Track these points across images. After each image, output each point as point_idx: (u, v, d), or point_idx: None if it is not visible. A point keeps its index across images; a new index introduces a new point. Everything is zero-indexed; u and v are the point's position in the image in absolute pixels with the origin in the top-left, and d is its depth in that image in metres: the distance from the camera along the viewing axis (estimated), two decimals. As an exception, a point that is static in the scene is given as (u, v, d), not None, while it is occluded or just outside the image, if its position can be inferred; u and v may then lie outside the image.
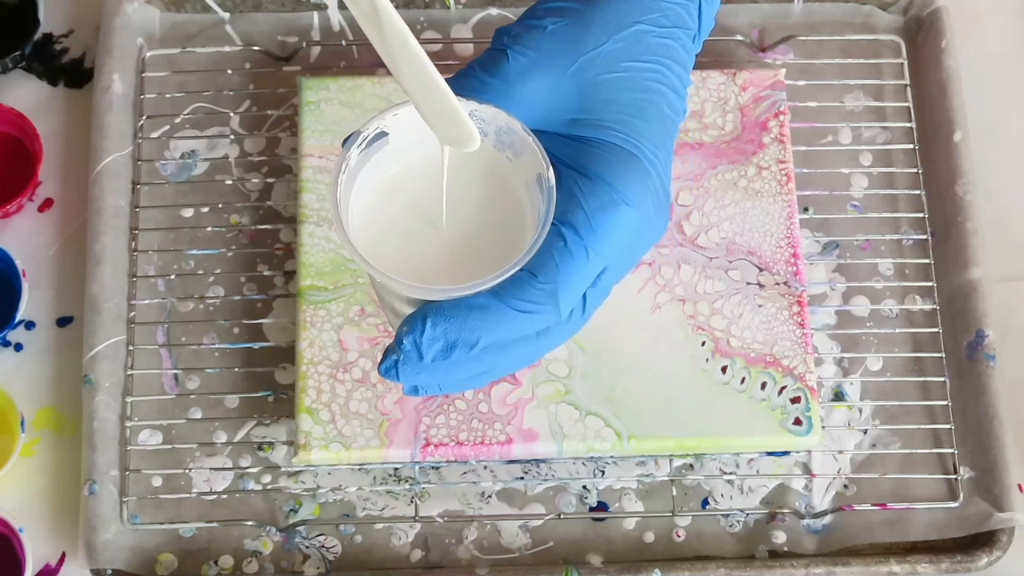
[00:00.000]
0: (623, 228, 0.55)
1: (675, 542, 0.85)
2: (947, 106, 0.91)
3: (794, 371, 0.83)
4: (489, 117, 0.54)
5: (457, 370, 0.55)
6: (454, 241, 0.55)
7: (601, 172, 0.55)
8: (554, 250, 0.53)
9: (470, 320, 0.53)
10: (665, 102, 0.57)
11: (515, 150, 0.55)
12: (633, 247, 0.56)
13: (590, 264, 0.54)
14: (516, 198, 0.56)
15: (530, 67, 0.55)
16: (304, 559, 0.83)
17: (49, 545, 0.83)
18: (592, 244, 0.54)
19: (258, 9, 0.93)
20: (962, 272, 0.88)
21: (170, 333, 0.87)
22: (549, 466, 0.85)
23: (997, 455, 0.84)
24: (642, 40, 0.56)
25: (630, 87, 0.56)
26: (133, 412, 0.85)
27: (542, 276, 0.53)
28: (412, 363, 0.54)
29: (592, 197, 0.54)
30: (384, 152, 0.56)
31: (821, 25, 0.95)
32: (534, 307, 0.53)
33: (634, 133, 0.55)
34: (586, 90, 0.55)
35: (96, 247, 0.86)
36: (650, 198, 0.56)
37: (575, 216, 0.54)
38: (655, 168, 0.56)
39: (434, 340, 0.53)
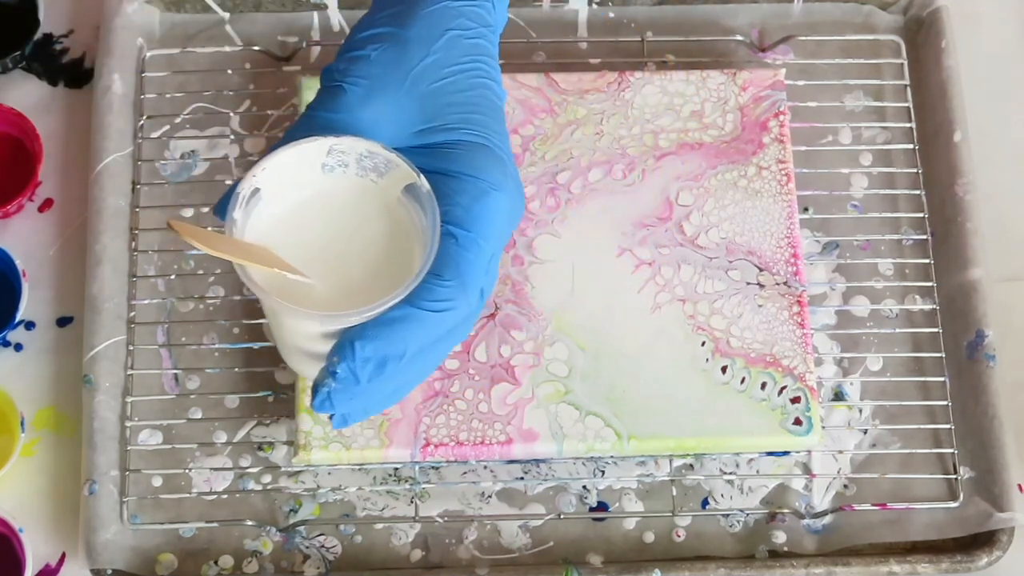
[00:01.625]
0: (498, 212, 0.60)
1: (675, 542, 0.85)
2: (947, 106, 0.91)
3: (794, 371, 0.83)
4: (348, 147, 0.58)
5: (387, 385, 0.59)
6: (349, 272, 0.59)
7: (462, 168, 0.59)
8: (449, 248, 0.58)
9: (394, 333, 0.57)
10: (492, 93, 0.62)
11: (379, 171, 0.59)
12: (507, 227, 0.61)
13: (483, 252, 0.59)
14: (393, 214, 0.59)
15: (367, 94, 0.60)
16: (304, 559, 0.83)
17: (49, 545, 0.83)
18: (480, 233, 0.59)
19: (258, 9, 0.93)
20: (962, 272, 0.88)
21: (170, 333, 0.87)
22: (549, 466, 0.85)
23: (997, 455, 0.84)
24: (457, 45, 0.61)
25: (460, 88, 0.61)
26: (133, 412, 0.85)
27: (446, 274, 0.58)
28: (349, 389, 0.58)
29: (463, 192, 0.59)
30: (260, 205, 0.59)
31: (821, 25, 0.95)
32: (447, 304, 0.58)
33: (477, 126, 0.61)
34: (423, 101, 0.60)
35: (96, 247, 0.86)
36: (510, 181, 0.61)
37: (455, 213, 0.58)
38: (504, 152, 0.61)
39: (367, 361, 0.57)
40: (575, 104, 0.88)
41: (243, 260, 0.56)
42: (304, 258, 0.58)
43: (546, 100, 0.88)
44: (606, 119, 0.87)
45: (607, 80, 0.88)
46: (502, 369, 0.82)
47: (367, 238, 0.59)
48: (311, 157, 0.58)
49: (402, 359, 0.57)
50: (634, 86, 0.88)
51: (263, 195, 0.58)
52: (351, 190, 0.59)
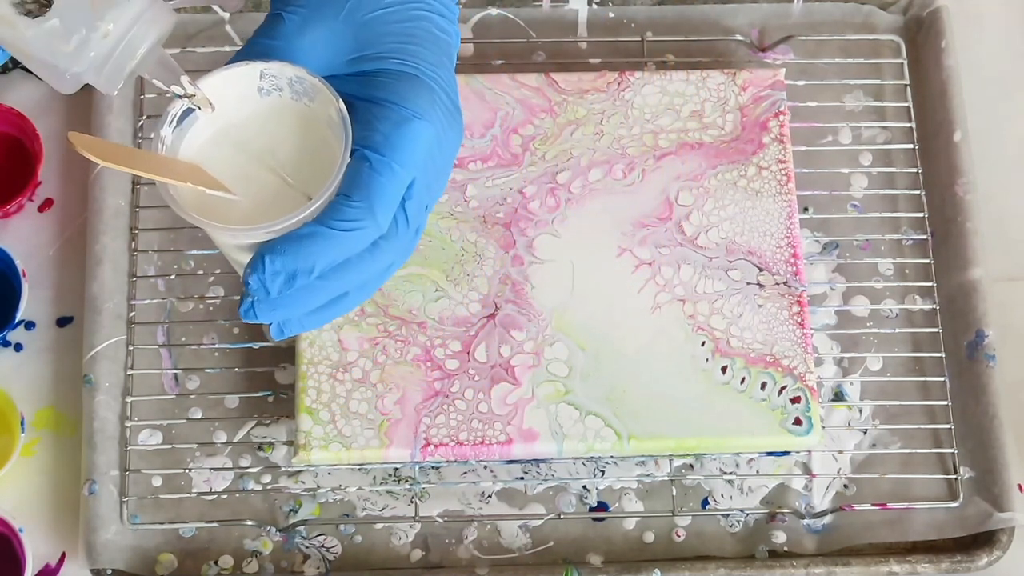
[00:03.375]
0: (420, 139, 0.61)
1: (675, 542, 0.85)
2: (947, 106, 0.91)
3: (794, 371, 0.83)
4: (278, 72, 0.61)
5: (309, 299, 0.61)
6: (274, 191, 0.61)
7: (388, 96, 0.61)
8: (362, 170, 0.60)
9: (302, 248, 0.59)
10: (434, 25, 0.64)
11: (310, 96, 0.61)
12: (436, 157, 0.63)
13: (396, 177, 0.60)
14: (323, 137, 0.61)
15: (304, 22, 0.62)
16: (304, 559, 0.83)
17: (49, 545, 0.83)
18: (394, 158, 0.60)
19: (258, 9, 0.93)
20: (962, 272, 0.88)
21: (170, 333, 0.87)
22: (549, 466, 0.85)
23: (997, 455, 0.84)
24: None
25: (398, 19, 0.63)
26: (133, 412, 0.85)
27: (355, 195, 0.59)
28: (264, 300, 0.60)
29: (385, 119, 0.61)
30: (195, 125, 0.61)
31: (821, 25, 0.95)
32: (354, 224, 0.59)
33: (410, 57, 0.62)
34: (359, 30, 0.62)
35: (96, 247, 0.86)
36: (439, 110, 0.62)
37: (373, 138, 0.60)
38: (437, 84, 0.62)
39: (275, 274, 0.59)
40: (575, 104, 0.88)
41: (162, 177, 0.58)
42: (232, 175, 0.61)
43: (546, 100, 0.88)
44: (606, 119, 0.87)
45: (607, 80, 0.88)
46: (502, 369, 0.82)
47: (294, 159, 0.62)
48: (245, 81, 0.61)
49: (311, 274, 0.59)
50: (634, 86, 0.88)
51: (199, 116, 0.61)
52: (286, 113, 0.62)
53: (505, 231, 0.85)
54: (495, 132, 0.87)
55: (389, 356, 0.82)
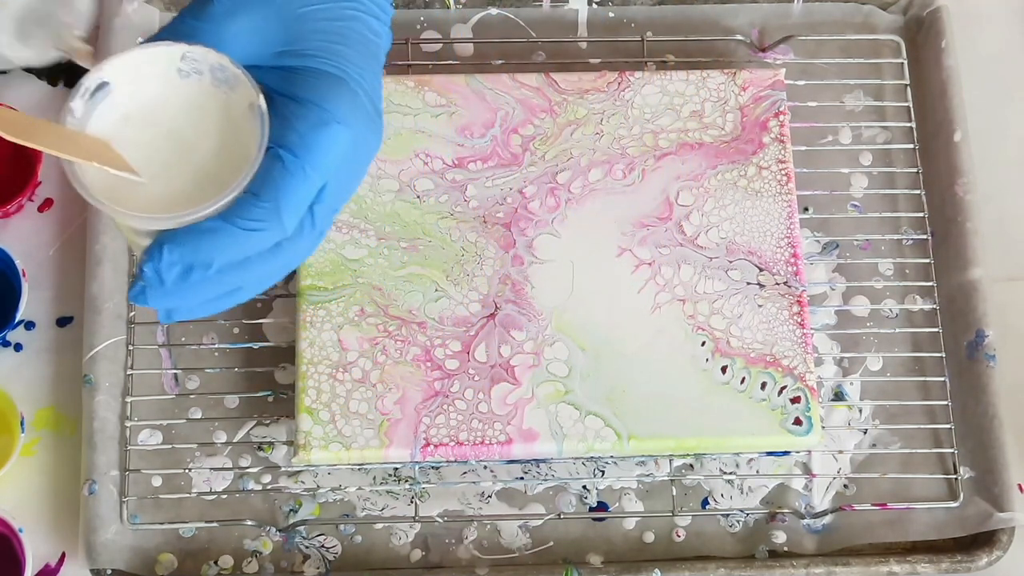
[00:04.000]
0: (336, 144, 0.59)
1: (675, 542, 0.85)
2: (947, 106, 0.91)
3: (794, 371, 0.83)
4: (200, 56, 0.59)
5: (202, 291, 0.60)
6: (181, 177, 0.59)
7: (310, 95, 0.59)
8: (273, 170, 0.58)
9: (202, 243, 0.57)
10: (365, 27, 0.62)
11: (230, 84, 0.59)
12: (351, 163, 0.61)
13: (308, 181, 0.59)
14: (237, 129, 0.60)
15: (234, 8, 0.60)
16: (304, 559, 0.83)
17: (49, 545, 0.83)
18: (308, 161, 0.58)
19: (258, 9, 0.93)
20: (962, 272, 0.88)
21: (170, 333, 0.87)
22: (549, 466, 0.85)
23: (997, 455, 0.84)
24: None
25: (329, 16, 0.61)
26: (133, 412, 0.85)
27: (263, 195, 0.58)
28: (156, 288, 0.59)
29: (303, 119, 0.59)
30: (109, 100, 0.59)
31: (821, 25, 0.95)
32: (259, 224, 0.58)
33: (337, 58, 0.61)
34: (289, 24, 0.61)
35: (96, 247, 0.86)
36: (360, 116, 0.61)
37: (289, 138, 0.59)
38: (361, 88, 0.61)
39: (172, 264, 0.58)
40: (575, 104, 0.88)
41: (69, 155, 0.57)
42: (143, 157, 0.59)
43: (546, 100, 0.88)
44: (606, 119, 0.87)
45: (607, 80, 0.88)
46: (502, 369, 0.82)
47: (207, 147, 0.60)
48: (165, 60, 0.59)
49: (208, 269, 0.58)
50: (634, 86, 0.88)
51: (112, 90, 0.59)
52: (203, 98, 0.60)
53: (505, 231, 0.85)
54: (495, 132, 0.87)
55: (389, 356, 0.82)
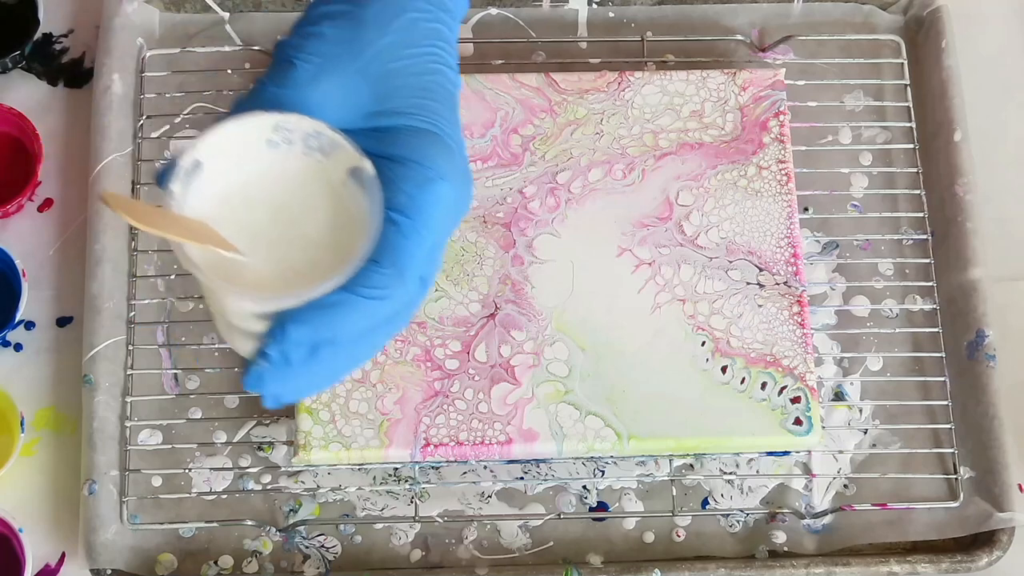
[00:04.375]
0: (443, 201, 0.58)
1: (675, 542, 0.85)
2: (947, 106, 0.91)
3: (794, 371, 0.83)
4: (294, 125, 0.57)
5: (323, 368, 0.58)
6: (288, 252, 0.57)
7: (410, 154, 0.58)
8: (389, 235, 0.56)
9: (328, 318, 0.56)
10: (446, 79, 0.61)
11: (324, 151, 0.57)
12: (452, 217, 0.60)
13: (424, 241, 0.58)
14: (336, 195, 0.58)
15: (318, 72, 0.58)
16: (304, 559, 0.83)
17: (49, 545, 0.83)
18: (421, 222, 0.57)
19: (258, 9, 0.93)
20: (962, 272, 0.88)
21: (170, 333, 0.87)
22: (549, 466, 0.85)
23: (997, 455, 0.84)
24: (415, 27, 0.60)
25: (414, 72, 0.60)
26: (133, 412, 0.85)
27: (384, 262, 0.56)
28: (280, 370, 0.57)
29: (408, 179, 0.58)
30: (200, 180, 0.57)
31: (821, 25, 0.95)
32: (383, 292, 0.56)
33: (429, 113, 0.59)
34: (375, 83, 0.59)
35: (96, 247, 0.86)
36: (457, 169, 0.59)
37: (399, 199, 0.57)
38: (454, 141, 0.60)
39: (299, 344, 0.56)
40: (575, 104, 0.88)
41: (179, 236, 0.55)
42: (244, 235, 0.57)
43: (546, 100, 0.88)
44: (606, 119, 0.87)
45: (607, 80, 0.88)
46: (502, 369, 0.82)
47: (309, 218, 0.58)
48: (256, 132, 0.57)
49: (335, 344, 0.56)
50: (634, 86, 0.88)
51: (205, 168, 0.57)
52: (296, 168, 0.58)
53: (505, 231, 0.85)
54: (495, 132, 0.87)
55: (389, 356, 0.82)
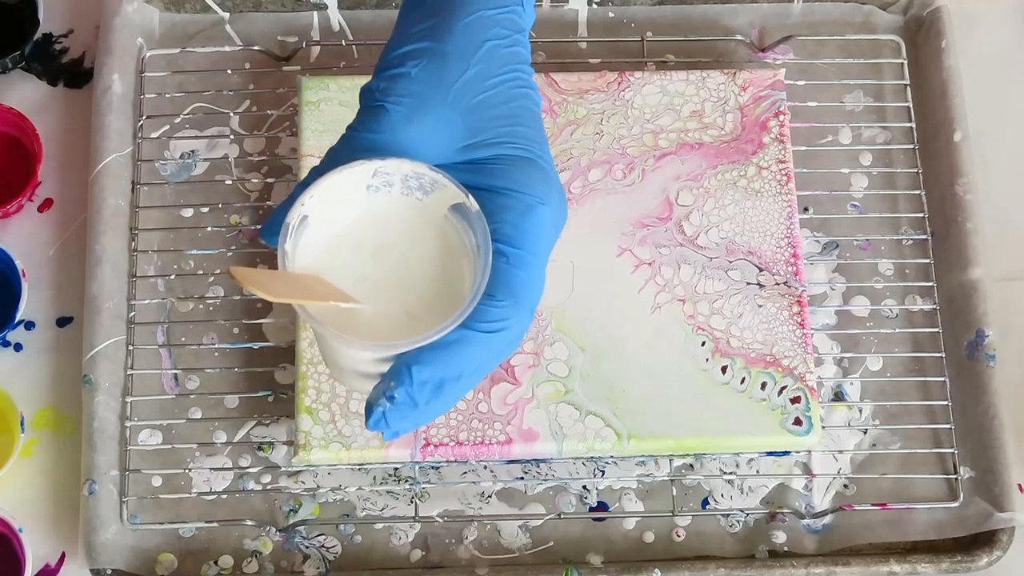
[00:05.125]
0: (545, 226, 0.59)
1: (675, 542, 0.84)
2: (947, 106, 0.91)
3: (794, 371, 0.83)
4: (394, 169, 0.57)
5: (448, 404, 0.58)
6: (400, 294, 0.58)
7: (509, 184, 0.58)
8: (500, 267, 0.57)
9: (450, 356, 0.56)
10: (531, 102, 0.61)
11: (424, 191, 0.58)
12: (553, 238, 0.60)
13: (532, 268, 0.58)
14: (440, 233, 0.58)
15: (410, 113, 0.59)
16: (304, 559, 0.83)
17: (49, 545, 0.83)
18: (528, 250, 0.58)
19: (258, 9, 0.93)
20: (962, 272, 0.88)
21: (170, 333, 0.87)
22: (549, 466, 0.85)
23: (997, 455, 0.84)
24: (495, 55, 0.60)
25: (502, 100, 0.60)
26: (133, 412, 0.85)
27: (499, 294, 0.57)
28: (406, 410, 0.57)
29: (510, 209, 0.58)
30: (307, 233, 0.58)
31: (821, 25, 0.95)
32: (501, 324, 0.57)
33: (520, 139, 0.60)
34: (467, 116, 0.59)
35: (96, 247, 0.86)
36: (554, 191, 0.60)
37: (504, 231, 0.57)
38: (546, 163, 0.60)
39: (423, 384, 0.56)
40: (575, 104, 0.88)
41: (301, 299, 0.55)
42: (354, 281, 0.58)
43: (546, 100, 0.88)
44: (606, 119, 0.87)
45: (607, 80, 0.88)
46: (502, 369, 0.82)
47: (416, 258, 0.58)
48: (356, 180, 0.58)
49: (459, 380, 0.57)
50: (634, 86, 0.88)
51: (310, 221, 0.57)
52: (397, 210, 0.58)
53: (505, 231, 0.85)
54: (495, 132, 0.87)
55: (389, 356, 0.82)
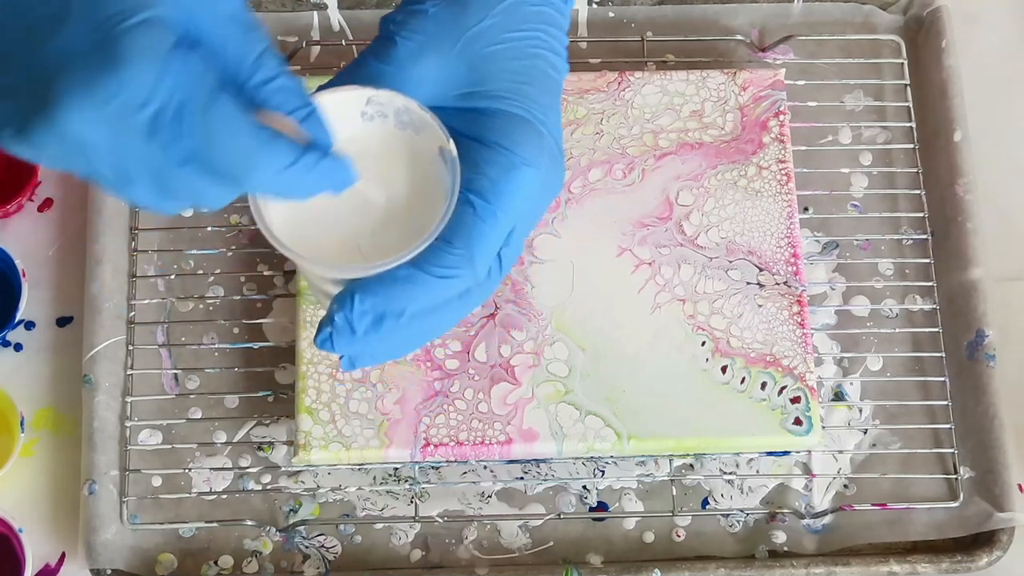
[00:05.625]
0: (526, 188, 0.58)
1: (675, 542, 0.85)
2: (947, 106, 0.91)
3: (794, 371, 0.83)
4: (386, 100, 0.58)
5: (391, 339, 0.59)
6: (372, 220, 0.58)
7: (498, 139, 0.58)
8: (465, 217, 0.57)
9: (395, 291, 0.57)
10: (548, 65, 0.61)
11: (416, 128, 0.58)
12: (536, 204, 0.60)
13: (499, 226, 0.58)
14: (424, 172, 0.59)
15: (418, 50, 0.59)
16: (304, 559, 0.83)
17: (49, 545, 0.83)
18: (499, 207, 0.58)
19: (258, 9, 0.93)
20: (962, 272, 0.88)
21: (170, 333, 0.87)
22: (549, 466, 0.85)
23: (997, 455, 0.84)
24: (518, 10, 0.60)
25: (514, 56, 0.60)
26: (133, 412, 0.85)
27: (457, 243, 0.57)
28: (346, 336, 0.58)
29: (493, 163, 0.58)
30: None
31: (821, 25, 0.95)
32: (453, 272, 0.57)
33: (523, 98, 0.59)
34: (474, 64, 0.59)
35: (96, 247, 0.86)
36: (546, 156, 0.59)
37: (480, 183, 0.58)
38: (547, 128, 0.60)
39: (364, 314, 0.57)
40: (575, 104, 0.88)
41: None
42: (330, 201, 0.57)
43: (546, 100, 0.88)
44: (606, 119, 0.87)
45: (607, 80, 0.88)
46: (502, 369, 0.82)
47: (394, 191, 0.59)
48: (350, 104, 0.58)
49: (400, 317, 0.57)
50: (634, 86, 0.88)
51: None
52: (388, 141, 0.59)
53: (505, 231, 0.85)
54: (495, 132, 0.87)
55: (389, 356, 0.82)
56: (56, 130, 0.49)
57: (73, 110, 0.48)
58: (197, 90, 0.50)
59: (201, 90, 0.50)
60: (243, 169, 0.51)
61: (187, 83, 0.49)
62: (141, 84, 0.48)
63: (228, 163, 0.51)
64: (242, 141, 0.51)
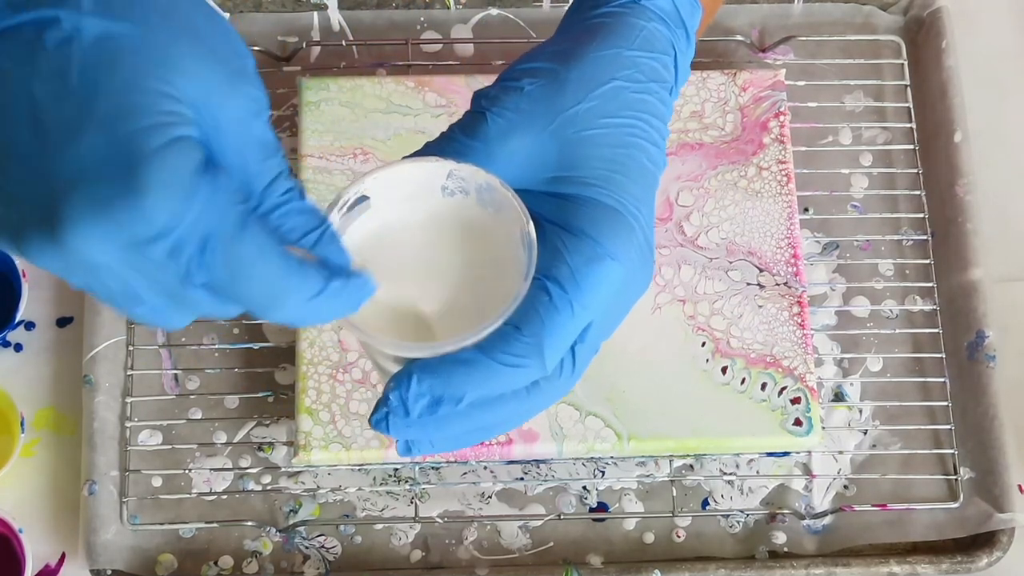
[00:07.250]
0: (608, 282, 0.55)
1: (675, 542, 0.85)
2: (947, 106, 0.91)
3: (794, 372, 0.83)
4: (468, 176, 0.55)
5: (447, 426, 0.55)
6: (439, 299, 0.56)
7: (584, 227, 0.55)
8: (539, 304, 0.54)
9: (455, 374, 0.53)
10: (645, 156, 0.57)
11: (496, 207, 0.55)
12: (619, 301, 0.56)
13: (575, 318, 0.54)
14: (500, 254, 0.56)
15: (510, 128, 0.56)
16: (304, 559, 0.83)
17: (49, 545, 0.83)
18: (577, 298, 0.54)
19: (258, 9, 0.93)
20: (962, 272, 0.88)
21: (170, 333, 0.87)
22: (549, 466, 0.85)
23: (997, 455, 0.84)
24: (619, 96, 0.57)
25: (609, 143, 0.56)
26: (133, 412, 0.85)
27: (526, 330, 0.53)
28: (400, 417, 0.55)
29: (576, 252, 0.55)
30: (366, 215, 0.56)
31: (821, 25, 0.95)
32: (519, 360, 0.53)
33: (615, 188, 0.56)
34: (566, 148, 0.56)
35: (96, 247, 0.86)
36: (634, 251, 0.56)
37: (559, 271, 0.54)
38: (638, 222, 0.56)
39: (420, 396, 0.54)
40: (575, 104, 0.88)
41: None
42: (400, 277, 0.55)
43: (546, 100, 0.87)
44: (606, 119, 0.87)
45: (607, 80, 0.88)
46: (502, 369, 0.82)
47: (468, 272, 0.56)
48: (429, 177, 0.55)
49: (458, 403, 0.53)
50: (634, 86, 0.88)
51: (372, 204, 0.56)
52: (467, 219, 0.56)
53: (505, 231, 0.85)
54: (495, 132, 0.87)
55: (389, 356, 0.82)
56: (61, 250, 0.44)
57: (81, 233, 0.43)
58: (225, 220, 0.45)
59: (228, 220, 0.46)
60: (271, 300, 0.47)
61: (214, 213, 0.45)
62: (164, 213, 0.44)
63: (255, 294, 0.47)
64: (272, 272, 0.47)
